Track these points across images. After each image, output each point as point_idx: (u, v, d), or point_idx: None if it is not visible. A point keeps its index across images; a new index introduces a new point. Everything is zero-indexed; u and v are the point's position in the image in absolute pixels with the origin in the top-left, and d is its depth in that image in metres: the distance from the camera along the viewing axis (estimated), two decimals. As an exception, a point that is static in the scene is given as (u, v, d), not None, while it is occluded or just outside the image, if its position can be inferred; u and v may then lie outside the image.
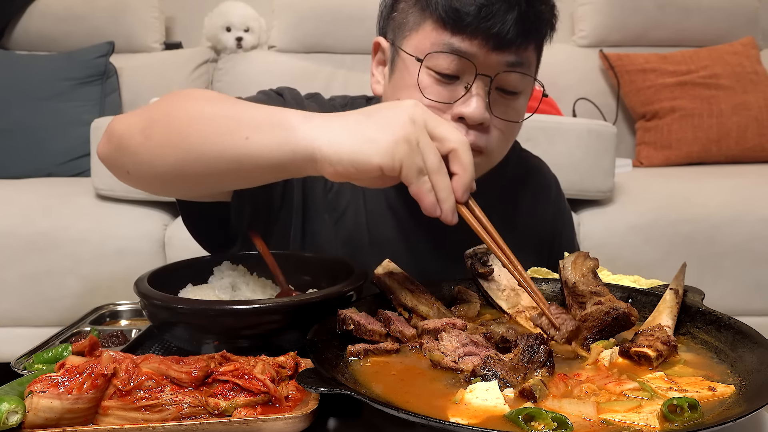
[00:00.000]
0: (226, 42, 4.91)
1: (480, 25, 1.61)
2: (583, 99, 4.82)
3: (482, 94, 1.66)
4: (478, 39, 1.62)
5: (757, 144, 4.58)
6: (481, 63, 1.65)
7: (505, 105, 1.72)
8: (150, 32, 5.10)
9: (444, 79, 1.68)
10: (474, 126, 1.68)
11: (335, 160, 1.26)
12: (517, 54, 1.66)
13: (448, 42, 1.65)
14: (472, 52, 1.64)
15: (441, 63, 1.66)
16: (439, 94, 1.69)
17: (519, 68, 1.68)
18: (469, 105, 1.66)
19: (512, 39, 1.63)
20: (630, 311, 1.32)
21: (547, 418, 1.00)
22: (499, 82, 1.68)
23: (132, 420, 1.09)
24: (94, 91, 4.53)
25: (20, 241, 3.42)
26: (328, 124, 1.30)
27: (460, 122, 1.68)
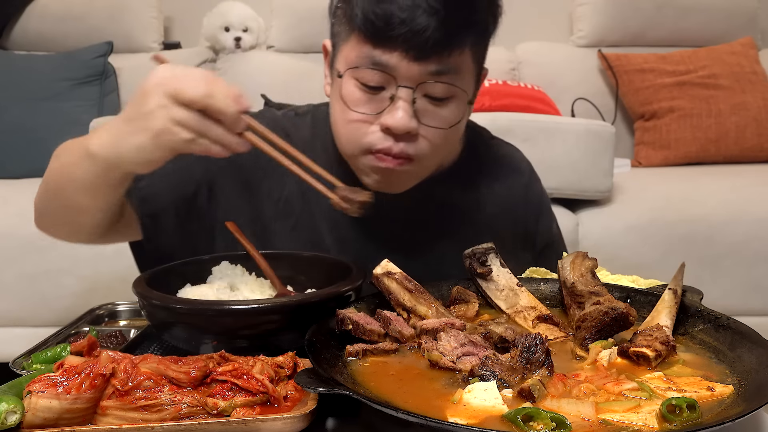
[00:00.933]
0: (225, 42, 4.90)
1: (398, 37, 1.60)
2: (581, 99, 4.82)
3: (406, 105, 1.65)
4: (398, 51, 1.61)
5: (755, 144, 4.58)
6: (402, 74, 1.64)
7: (434, 112, 1.69)
8: (149, 32, 5.09)
9: (370, 91, 1.68)
10: (401, 136, 1.68)
11: (115, 164, 1.52)
12: (440, 63, 1.64)
13: (369, 54, 1.65)
14: (393, 63, 1.63)
15: (365, 75, 1.67)
16: (366, 106, 1.69)
17: (444, 76, 1.66)
18: (392, 116, 1.65)
19: (433, 49, 1.61)
20: (628, 311, 1.32)
21: (546, 418, 1.00)
22: (426, 89, 1.66)
23: (130, 420, 1.09)
24: (92, 91, 4.53)
25: (19, 241, 3.41)
26: (100, 138, 1.53)
27: (387, 132, 1.68)
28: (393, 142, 1.68)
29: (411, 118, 1.66)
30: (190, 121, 1.39)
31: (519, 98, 4.30)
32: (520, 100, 4.29)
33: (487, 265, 1.57)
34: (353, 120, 1.71)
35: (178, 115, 1.39)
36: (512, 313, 1.50)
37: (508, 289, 1.55)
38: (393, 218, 1.92)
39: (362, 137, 1.71)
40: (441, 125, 1.70)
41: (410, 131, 1.67)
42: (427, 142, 1.71)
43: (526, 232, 2.08)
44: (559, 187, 3.58)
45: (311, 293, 1.53)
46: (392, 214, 1.91)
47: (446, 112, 1.71)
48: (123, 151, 1.48)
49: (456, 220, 1.99)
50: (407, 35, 1.59)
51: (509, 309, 1.51)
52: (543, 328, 1.42)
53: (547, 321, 1.44)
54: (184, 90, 1.38)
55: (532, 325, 1.44)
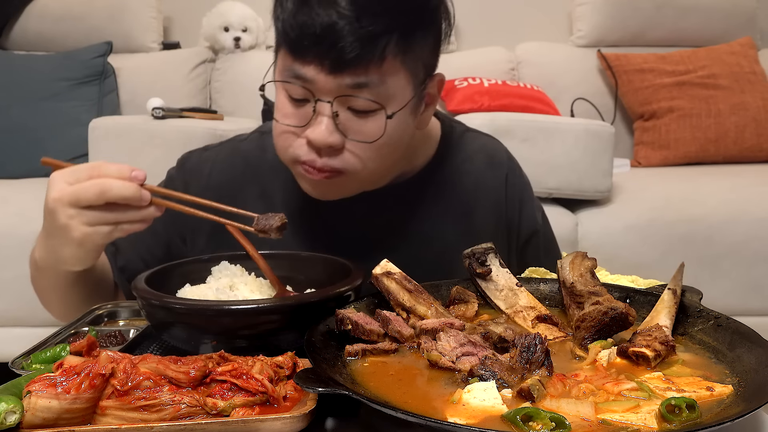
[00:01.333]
0: (224, 42, 4.91)
1: (311, 50, 1.59)
2: (581, 99, 4.82)
3: (327, 119, 1.64)
4: (314, 64, 1.60)
5: (755, 144, 4.59)
6: (320, 87, 1.62)
7: (360, 125, 1.66)
8: (148, 32, 5.09)
9: (297, 103, 1.68)
10: (324, 150, 1.67)
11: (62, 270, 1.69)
12: (357, 75, 1.60)
13: (291, 67, 1.64)
14: (310, 76, 1.61)
15: (289, 88, 1.67)
16: (292, 118, 1.69)
17: (364, 89, 1.62)
18: (314, 130, 1.64)
19: (348, 62, 1.58)
20: (628, 311, 1.32)
21: (545, 418, 1.00)
22: (347, 103, 1.64)
23: (130, 420, 1.09)
24: (92, 91, 4.53)
25: (18, 240, 3.41)
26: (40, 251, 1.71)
27: (311, 145, 1.67)
28: (316, 155, 1.68)
29: (332, 133, 1.64)
30: (102, 218, 1.51)
31: (518, 98, 4.31)
32: (520, 100, 4.30)
33: (487, 265, 1.57)
34: (282, 132, 1.72)
35: (89, 219, 1.50)
36: (511, 313, 1.49)
37: (507, 289, 1.55)
38: (368, 221, 1.94)
39: (290, 148, 1.72)
40: (366, 139, 1.67)
41: (332, 146, 1.65)
42: (354, 157, 1.69)
43: (508, 223, 2.06)
44: (559, 187, 3.59)
45: (310, 293, 1.53)
46: (368, 217, 1.93)
47: (372, 124, 1.67)
48: (61, 260, 1.64)
49: (434, 217, 1.98)
50: (322, 48, 1.58)
51: (508, 309, 1.51)
52: (542, 328, 1.42)
53: (546, 321, 1.44)
54: (80, 198, 1.48)
55: (531, 325, 1.44)
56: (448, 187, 2.00)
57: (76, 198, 1.48)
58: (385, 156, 1.74)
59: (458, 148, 2.05)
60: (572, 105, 4.81)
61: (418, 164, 1.99)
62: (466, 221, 1.99)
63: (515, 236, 2.06)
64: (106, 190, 1.47)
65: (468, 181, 2.03)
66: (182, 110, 3.78)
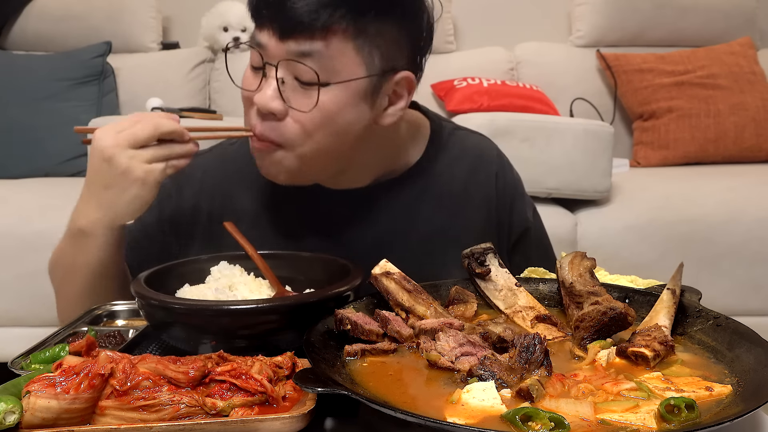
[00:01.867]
0: (224, 42, 4.90)
1: (266, 16, 1.69)
2: (580, 99, 4.83)
3: (272, 82, 1.69)
4: (266, 29, 1.69)
5: (754, 144, 4.59)
6: (270, 52, 1.69)
7: (304, 95, 1.69)
8: (147, 32, 5.09)
9: (255, 70, 1.77)
10: (266, 116, 1.72)
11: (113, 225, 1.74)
12: (301, 43, 1.64)
13: (253, 35, 1.76)
14: (264, 42, 1.70)
15: (252, 56, 1.78)
16: (249, 84, 1.78)
17: (308, 58, 1.65)
18: (259, 95, 1.71)
19: (295, 27, 1.64)
20: (627, 311, 1.32)
21: (545, 418, 1.00)
22: (293, 71, 1.68)
23: (129, 420, 1.09)
24: (91, 91, 4.53)
25: (17, 240, 3.41)
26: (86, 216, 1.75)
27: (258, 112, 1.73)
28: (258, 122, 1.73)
29: (274, 98, 1.69)
30: (157, 154, 1.66)
31: (517, 98, 4.32)
32: (519, 100, 4.30)
33: (486, 265, 1.57)
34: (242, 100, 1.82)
35: (147, 156, 1.64)
36: (511, 313, 1.49)
37: (506, 289, 1.55)
38: (358, 219, 1.95)
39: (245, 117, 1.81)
40: (304, 108, 1.68)
41: (274, 111, 1.69)
42: (294, 128, 1.71)
43: (498, 221, 2.06)
44: (558, 187, 3.59)
45: (310, 293, 1.53)
46: (357, 215, 1.95)
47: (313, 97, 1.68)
48: (119, 209, 1.70)
49: (424, 215, 1.99)
50: (273, 13, 1.66)
51: (508, 309, 1.51)
52: (541, 328, 1.42)
53: (545, 321, 1.44)
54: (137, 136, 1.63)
55: (530, 325, 1.44)
56: (437, 186, 2.00)
57: (134, 138, 1.62)
58: (327, 137, 1.74)
59: (447, 147, 2.05)
60: (571, 105, 4.81)
61: (407, 163, 1.99)
62: (455, 219, 2.00)
63: (506, 234, 2.06)
64: (158, 125, 1.64)
65: (457, 180, 2.03)
66: (181, 110, 3.79)
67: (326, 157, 1.79)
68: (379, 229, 1.96)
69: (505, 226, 2.06)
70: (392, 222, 1.97)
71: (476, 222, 2.02)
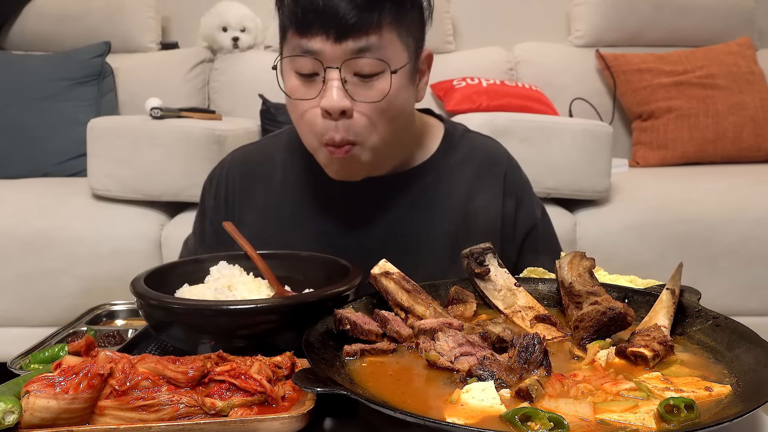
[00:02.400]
0: (223, 42, 4.90)
1: (316, 23, 1.73)
2: (579, 99, 4.82)
3: (338, 84, 1.76)
4: (319, 35, 1.74)
5: (753, 144, 4.58)
6: (327, 56, 1.75)
7: (366, 89, 1.79)
8: (146, 32, 5.09)
9: (307, 78, 1.80)
10: (338, 118, 1.78)
11: None
12: (359, 41, 1.74)
13: (299, 44, 1.78)
14: (317, 48, 1.75)
15: (299, 65, 1.80)
16: (306, 93, 1.81)
17: (367, 53, 1.76)
18: (326, 97, 1.76)
19: (350, 29, 1.73)
20: (626, 311, 1.32)
21: (544, 418, 1.00)
22: (354, 68, 1.77)
23: (128, 420, 1.09)
24: (90, 91, 4.53)
25: (16, 241, 3.41)
26: None
27: (327, 117, 1.78)
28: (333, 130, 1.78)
29: (342, 98, 1.76)
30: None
31: (516, 98, 4.31)
32: (518, 100, 4.30)
33: (485, 265, 1.57)
34: (301, 111, 1.84)
35: None
36: (510, 313, 1.50)
37: (505, 289, 1.55)
38: (370, 215, 2.01)
39: (313, 127, 1.83)
40: (373, 99, 1.79)
41: (344, 109, 1.76)
42: (365, 119, 1.80)
43: (504, 220, 2.09)
44: (557, 187, 3.59)
45: (309, 293, 1.53)
46: (368, 212, 2.01)
47: (377, 86, 1.79)
48: None
49: (434, 213, 2.03)
50: (324, 20, 1.72)
51: (507, 309, 1.51)
52: (541, 328, 1.42)
53: (544, 321, 1.44)
54: None
55: (529, 325, 1.45)
56: (447, 183, 2.06)
57: None
58: (391, 121, 1.85)
59: (458, 147, 2.12)
60: (570, 105, 4.80)
61: (419, 159, 2.07)
62: (462, 216, 2.04)
63: (511, 233, 2.10)
64: None
65: (466, 178, 2.08)
66: (180, 110, 3.78)
67: (388, 146, 1.89)
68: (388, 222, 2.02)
69: (510, 225, 2.10)
70: (403, 215, 2.03)
71: (482, 219, 2.06)
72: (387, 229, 2.01)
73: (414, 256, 1.80)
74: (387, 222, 2.01)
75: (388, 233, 2.00)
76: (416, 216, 2.02)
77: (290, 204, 2.07)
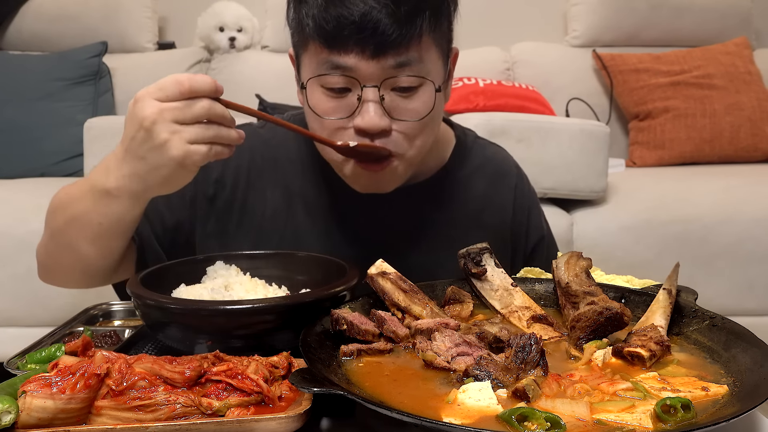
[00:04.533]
0: (219, 42, 4.91)
1: (352, 38, 1.60)
2: (576, 99, 4.83)
3: (374, 104, 1.65)
4: (354, 51, 1.62)
5: (750, 144, 4.59)
6: (363, 74, 1.63)
7: (405, 104, 1.69)
8: (143, 32, 5.09)
9: (337, 95, 1.68)
10: (374, 136, 1.68)
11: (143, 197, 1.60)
12: (399, 56, 1.63)
13: (328, 59, 1.65)
14: (352, 65, 1.63)
15: (329, 80, 1.67)
16: (335, 110, 1.69)
17: (406, 68, 1.65)
18: (363, 117, 1.65)
19: (388, 44, 1.61)
20: (623, 311, 1.33)
21: (540, 418, 1.00)
22: (392, 84, 1.66)
23: (125, 420, 1.09)
24: (87, 91, 4.53)
25: (13, 240, 3.41)
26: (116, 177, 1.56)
27: (361, 134, 1.68)
28: (369, 142, 1.68)
29: (382, 117, 1.65)
30: (202, 134, 1.44)
31: (513, 98, 4.31)
32: (515, 100, 4.30)
33: (482, 265, 1.57)
34: (327, 128, 1.72)
35: (191, 135, 1.43)
36: (507, 313, 1.50)
37: (502, 289, 1.55)
38: (382, 223, 1.96)
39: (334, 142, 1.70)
40: (413, 117, 1.70)
41: (383, 129, 1.66)
42: (402, 137, 1.71)
43: (517, 232, 2.09)
44: (554, 187, 3.59)
45: (306, 293, 1.53)
46: (381, 220, 1.95)
47: (416, 102, 1.70)
48: (150, 184, 1.53)
49: (445, 222, 2.00)
50: (361, 35, 1.59)
51: (504, 309, 1.51)
52: (537, 328, 1.42)
53: (541, 321, 1.44)
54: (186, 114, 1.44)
55: (526, 325, 1.45)
56: (459, 193, 2.03)
57: (181, 114, 1.43)
58: (429, 134, 1.78)
59: (470, 156, 2.08)
60: (567, 105, 4.81)
61: (431, 168, 2.01)
62: (474, 227, 2.00)
63: (523, 243, 2.10)
64: (211, 108, 1.45)
65: (478, 189, 2.06)
66: (177, 110, 3.78)
67: (422, 156, 1.81)
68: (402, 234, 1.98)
69: (522, 236, 2.10)
70: (415, 226, 1.99)
71: (494, 231, 2.03)
72: (401, 240, 1.96)
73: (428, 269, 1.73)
74: (401, 233, 1.97)
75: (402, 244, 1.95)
76: (425, 230, 1.99)
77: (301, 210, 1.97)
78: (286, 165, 2.00)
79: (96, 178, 1.61)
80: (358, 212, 1.95)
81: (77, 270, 1.80)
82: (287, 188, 1.98)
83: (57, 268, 1.87)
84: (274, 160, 2.00)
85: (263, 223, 1.94)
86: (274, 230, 1.93)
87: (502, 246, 2.00)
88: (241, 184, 1.96)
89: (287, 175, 1.99)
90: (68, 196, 1.75)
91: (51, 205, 1.82)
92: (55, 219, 1.78)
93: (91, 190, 1.62)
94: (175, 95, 1.43)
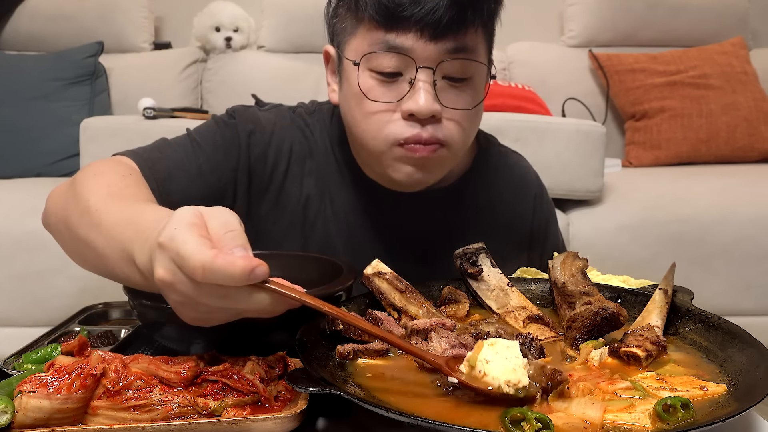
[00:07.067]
0: (216, 42, 4.91)
1: (412, 18, 1.58)
2: (572, 99, 4.83)
3: (428, 87, 1.63)
4: (413, 32, 1.59)
5: (746, 144, 4.59)
6: (420, 55, 1.61)
7: (456, 93, 1.67)
8: (139, 32, 5.09)
9: (387, 78, 1.66)
10: (426, 120, 1.65)
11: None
12: (457, 40, 1.62)
13: (383, 40, 1.63)
14: (409, 45, 1.61)
15: (381, 62, 1.65)
16: (384, 95, 1.67)
17: (462, 54, 1.64)
18: (415, 100, 1.62)
19: (448, 26, 1.58)
20: (619, 311, 1.32)
21: (532, 419, 1.00)
22: (445, 70, 1.64)
23: (121, 420, 1.09)
24: (83, 91, 4.53)
25: (9, 241, 3.41)
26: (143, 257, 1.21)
27: (411, 119, 1.65)
28: (420, 128, 1.65)
29: (434, 101, 1.63)
30: (225, 309, 1.12)
31: (510, 98, 4.31)
32: (511, 100, 4.30)
33: (478, 265, 1.57)
34: (373, 112, 1.69)
35: (202, 314, 1.13)
36: (503, 313, 1.49)
37: (498, 289, 1.55)
38: (405, 224, 1.95)
39: (385, 128, 1.68)
40: (464, 106, 1.68)
41: (435, 114, 1.64)
42: (453, 124, 1.68)
43: (535, 241, 2.10)
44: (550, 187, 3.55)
45: (302, 293, 1.53)
46: (404, 220, 1.94)
47: (467, 92, 1.69)
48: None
49: (467, 227, 1.99)
50: (421, 15, 1.57)
51: (500, 309, 1.51)
52: (534, 328, 1.42)
53: (537, 321, 1.44)
54: (205, 319, 1.15)
55: (522, 325, 1.44)
56: (481, 200, 2.02)
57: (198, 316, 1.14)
58: (474, 127, 1.77)
59: (491, 162, 2.07)
60: (563, 105, 4.81)
61: (454, 173, 1.99)
62: (495, 234, 1.96)
63: (539, 253, 2.10)
64: (238, 313, 1.14)
65: (499, 197, 2.05)
66: (173, 110, 3.78)
67: (464, 151, 1.80)
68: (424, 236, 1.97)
69: (539, 246, 2.10)
70: (436, 230, 1.98)
71: (513, 238, 2.04)
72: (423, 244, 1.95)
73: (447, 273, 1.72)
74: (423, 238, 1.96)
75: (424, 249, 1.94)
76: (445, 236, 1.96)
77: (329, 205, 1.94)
78: (320, 156, 1.95)
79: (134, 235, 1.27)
80: (382, 214, 1.94)
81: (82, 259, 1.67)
82: (322, 180, 1.94)
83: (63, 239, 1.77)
84: (310, 150, 1.95)
85: (297, 210, 1.92)
86: (305, 220, 1.92)
87: (519, 255, 2.01)
88: (281, 167, 1.92)
89: (321, 168, 1.95)
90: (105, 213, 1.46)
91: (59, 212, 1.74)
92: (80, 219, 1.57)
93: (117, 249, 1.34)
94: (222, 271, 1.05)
